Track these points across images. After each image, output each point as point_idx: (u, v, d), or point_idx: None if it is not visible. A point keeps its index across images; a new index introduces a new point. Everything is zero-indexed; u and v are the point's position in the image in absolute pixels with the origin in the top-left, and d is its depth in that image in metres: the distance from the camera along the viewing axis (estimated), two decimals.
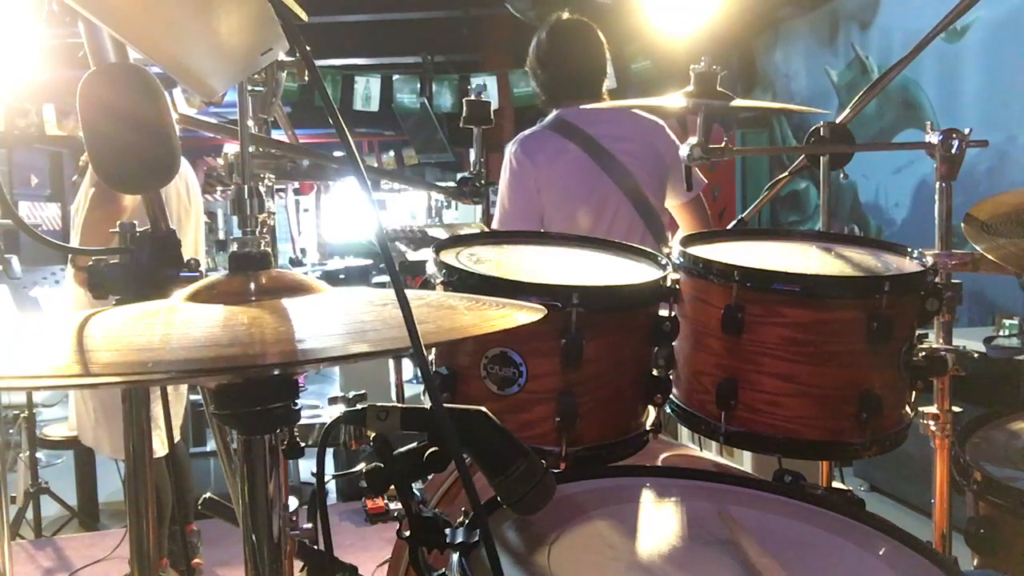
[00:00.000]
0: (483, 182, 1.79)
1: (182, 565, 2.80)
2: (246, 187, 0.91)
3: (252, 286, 0.81)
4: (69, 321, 0.73)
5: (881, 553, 0.99)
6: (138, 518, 1.18)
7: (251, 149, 1.32)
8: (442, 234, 2.20)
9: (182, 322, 0.73)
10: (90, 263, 1.10)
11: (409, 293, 0.69)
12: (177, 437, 3.06)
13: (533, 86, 2.64)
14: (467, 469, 0.74)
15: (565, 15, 2.62)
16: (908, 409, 1.32)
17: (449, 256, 1.31)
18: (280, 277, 0.82)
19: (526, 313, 0.81)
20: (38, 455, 3.89)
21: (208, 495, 1.12)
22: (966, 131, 1.54)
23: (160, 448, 2.37)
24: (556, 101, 2.55)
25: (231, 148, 1.42)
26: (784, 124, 6.11)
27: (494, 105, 1.73)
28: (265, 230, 0.98)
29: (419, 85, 7.27)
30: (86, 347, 0.66)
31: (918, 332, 1.34)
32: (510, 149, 2.47)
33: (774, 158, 6.10)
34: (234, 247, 0.84)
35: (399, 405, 0.85)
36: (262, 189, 1.02)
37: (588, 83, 2.55)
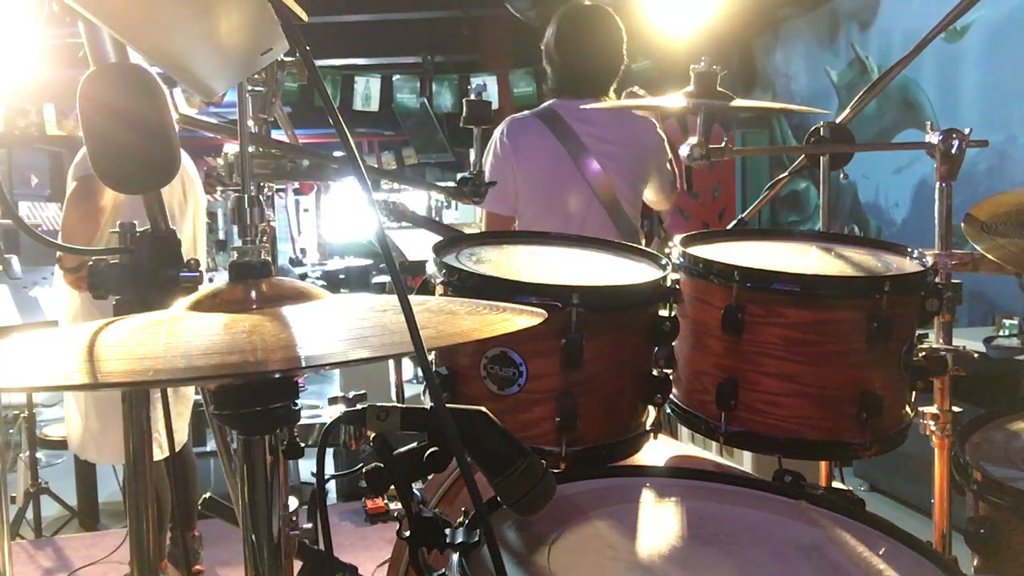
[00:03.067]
0: (483, 182, 1.79)
1: (183, 570, 2.79)
2: (246, 196, 0.92)
3: (253, 294, 0.82)
4: (80, 332, 0.75)
5: (881, 553, 0.99)
6: (138, 521, 1.18)
7: (251, 149, 1.32)
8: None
9: (185, 330, 0.74)
10: (90, 263, 1.09)
11: (409, 299, 0.70)
12: (185, 439, 3.05)
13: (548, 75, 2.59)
14: (469, 468, 0.74)
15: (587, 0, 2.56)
16: (908, 409, 1.32)
17: (449, 256, 1.31)
18: (280, 285, 0.83)
19: (526, 317, 0.81)
20: (38, 455, 3.88)
21: (208, 495, 1.12)
22: (966, 131, 1.54)
23: (159, 452, 2.36)
24: (558, 93, 2.54)
25: (231, 148, 1.41)
26: (784, 124, 6.11)
27: (494, 105, 1.73)
28: (265, 239, 0.99)
29: (419, 85, 7.27)
30: (96, 356, 0.68)
31: (918, 332, 1.34)
32: (499, 129, 2.49)
33: (774, 158, 6.10)
34: (234, 256, 0.84)
35: (399, 405, 0.85)
36: (262, 198, 1.02)
37: (593, 79, 2.50)
